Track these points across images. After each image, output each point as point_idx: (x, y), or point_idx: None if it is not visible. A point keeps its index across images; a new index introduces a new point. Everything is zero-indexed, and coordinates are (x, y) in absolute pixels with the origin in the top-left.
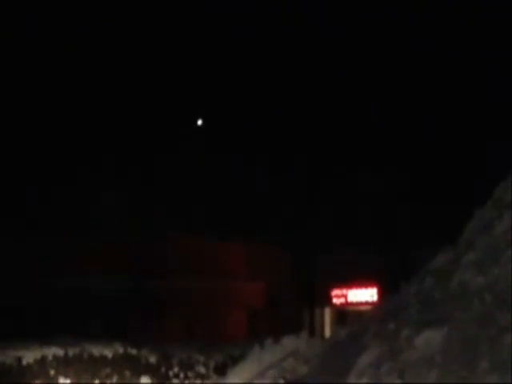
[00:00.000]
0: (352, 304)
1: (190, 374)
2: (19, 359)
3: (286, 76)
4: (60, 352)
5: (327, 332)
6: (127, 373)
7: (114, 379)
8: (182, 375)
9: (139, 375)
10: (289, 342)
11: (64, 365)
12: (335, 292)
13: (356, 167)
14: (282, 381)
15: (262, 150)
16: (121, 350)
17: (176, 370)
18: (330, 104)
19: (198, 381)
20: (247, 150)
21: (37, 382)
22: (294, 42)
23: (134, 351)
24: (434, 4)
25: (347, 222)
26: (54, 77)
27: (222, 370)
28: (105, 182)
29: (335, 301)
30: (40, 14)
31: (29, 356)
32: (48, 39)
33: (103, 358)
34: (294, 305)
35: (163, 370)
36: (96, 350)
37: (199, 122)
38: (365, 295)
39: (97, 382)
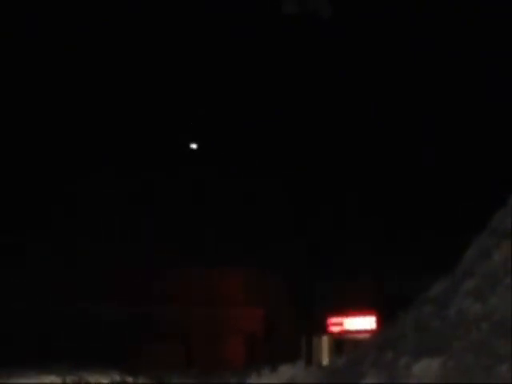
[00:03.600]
0: (350, 332)
1: None
2: None
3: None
4: (58, 380)
5: (325, 360)
6: None
7: None
8: None
9: None
10: (286, 370)
11: None
12: (333, 320)
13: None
14: None
15: (263, 175)
16: (117, 378)
17: None
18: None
19: None
20: (245, 174)
21: None
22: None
23: (130, 379)
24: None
25: (345, 247)
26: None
27: None
28: (99, 207)
29: (333, 329)
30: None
31: None
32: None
33: None
34: (292, 332)
35: None
36: (93, 378)
37: (193, 146)
38: (363, 323)
39: None
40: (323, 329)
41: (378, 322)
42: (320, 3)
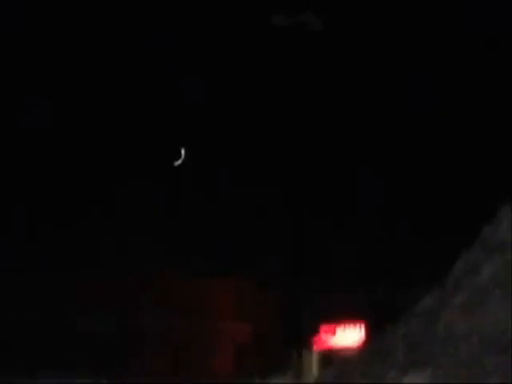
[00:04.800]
0: (339, 345)
1: None
2: None
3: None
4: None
5: (314, 373)
6: None
7: None
8: None
9: None
10: (275, 383)
11: None
12: (322, 333)
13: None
14: None
15: (251, 182)
16: None
17: None
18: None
19: None
20: (237, 182)
21: None
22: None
23: None
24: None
25: (335, 260)
26: None
27: None
28: (94, 219)
29: (321, 341)
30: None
31: None
32: None
33: None
34: (281, 345)
35: None
36: None
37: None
38: (351, 336)
39: None
40: (312, 341)
41: (367, 335)
42: (310, 16)
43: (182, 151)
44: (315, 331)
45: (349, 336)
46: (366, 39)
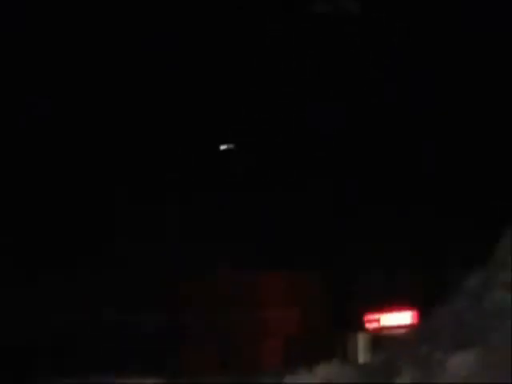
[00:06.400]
0: (386, 328)
1: None
2: None
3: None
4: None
5: (361, 358)
6: None
7: None
8: None
9: None
10: (321, 370)
11: None
12: (369, 316)
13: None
14: None
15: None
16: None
17: None
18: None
19: None
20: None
21: None
22: None
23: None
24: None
25: (383, 242)
26: None
27: None
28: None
29: (369, 325)
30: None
31: None
32: None
33: None
34: (329, 331)
35: None
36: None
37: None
38: (399, 318)
39: None
40: (360, 325)
41: (416, 317)
42: (349, 1)
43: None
44: (363, 315)
45: (397, 319)
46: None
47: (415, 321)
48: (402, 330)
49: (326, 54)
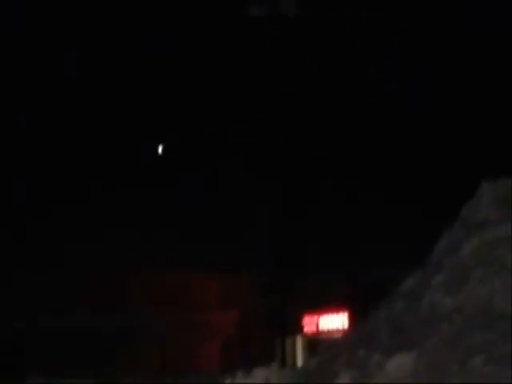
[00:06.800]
0: (323, 331)
1: None
2: None
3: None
4: None
5: (299, 361)
6: None
7: None
8: None
9: None
10: (259, 373)
11: None
12: (306, 319)
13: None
14: None
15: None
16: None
17: None
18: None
19: None
20: (219, 174)
21: None
22: None
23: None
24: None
25: (319, 244)
26: None
27: None
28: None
29: (306, 329)
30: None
31: None
32: None
33: None
34: (267, 334)
35: None
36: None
37: (160, 150)
38: (336, 322)
39: None
40: (297, 329)
41: (351, 320)
42: (286, 4)
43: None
44: (300, 319)
45: (333, 322)
46: (341, 24)
47: (352, 323)
48: (340, 333)
49: (259, 55)
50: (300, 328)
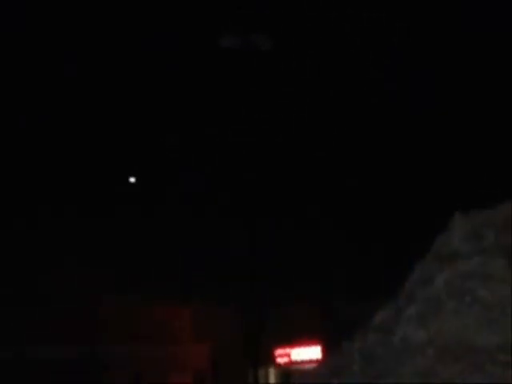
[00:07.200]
0: (296, 363)
1: None
2: None
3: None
4: None
5: None
6: None
7: None
8: None
9: None
10: None
11: None
12: (279, 351)
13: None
14: None
15: (201, 205)
16: None
17: None
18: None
19: None
20: (184, 207)
21: None
22: None
23: None
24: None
25: (290, 276)
26: None
27: None
28: (39, 245)
29: (279, 360)
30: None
31: None
32: None
33: None
34: (240, 366)
35: None
36: None
37: (132, 180)
38: (309, 353)
39: None
40: (270, 360)
41: (324, 352)
42: (259, 37)
43: (131, 178)
44: (273, 350)
45: (306, 354)
46: (316, 57)
47: (324, 355)
48: (312, 365)
49: (234, 87)
50: (273, 359)
